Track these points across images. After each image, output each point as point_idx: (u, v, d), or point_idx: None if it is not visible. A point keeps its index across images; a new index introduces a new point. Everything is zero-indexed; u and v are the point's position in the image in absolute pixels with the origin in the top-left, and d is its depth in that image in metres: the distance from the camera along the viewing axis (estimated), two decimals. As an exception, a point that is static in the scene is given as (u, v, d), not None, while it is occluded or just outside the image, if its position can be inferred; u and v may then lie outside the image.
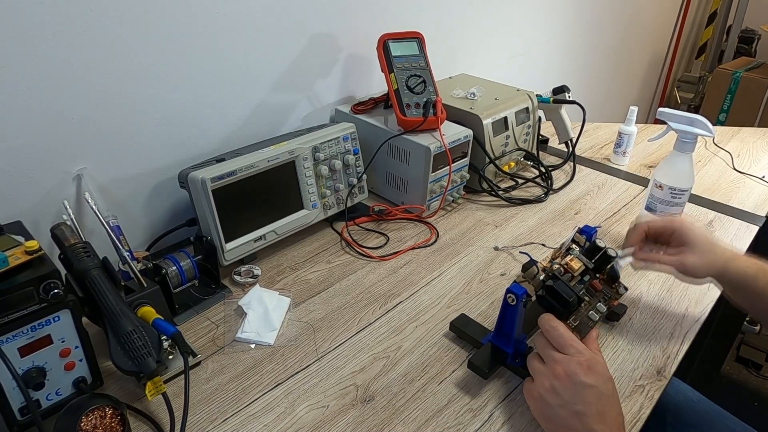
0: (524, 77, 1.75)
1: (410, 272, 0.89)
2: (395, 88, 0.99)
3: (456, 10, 1.35)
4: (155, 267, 0.76)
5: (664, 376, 0.70)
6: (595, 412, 0.54)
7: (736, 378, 1.71)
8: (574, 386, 0.55)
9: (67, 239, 0.65)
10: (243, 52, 0.94)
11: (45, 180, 0.77)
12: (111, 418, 0.58)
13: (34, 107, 0.73)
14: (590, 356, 0.57)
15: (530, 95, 1.18)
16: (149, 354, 0.59)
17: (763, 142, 1.43)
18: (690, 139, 0.85)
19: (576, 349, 0.58)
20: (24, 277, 0.55)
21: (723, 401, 0.86)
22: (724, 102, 2.58)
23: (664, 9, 2.65)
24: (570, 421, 0.55)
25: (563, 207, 1.10)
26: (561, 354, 0.58)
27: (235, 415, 0.64)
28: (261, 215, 0.88)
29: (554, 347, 0.59)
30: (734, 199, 1.15)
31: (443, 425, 0.63)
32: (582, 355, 0.57)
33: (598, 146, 1.40)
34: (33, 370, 0.58)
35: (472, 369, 0.69)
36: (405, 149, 1.00)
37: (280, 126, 1.06)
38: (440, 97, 1.01)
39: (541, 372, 0.59)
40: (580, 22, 1.95)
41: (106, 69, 0.78)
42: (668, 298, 0.84)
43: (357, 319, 0.79)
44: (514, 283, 0.64)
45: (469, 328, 0.74)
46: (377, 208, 1.03)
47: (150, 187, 0.90)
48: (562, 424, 0.56)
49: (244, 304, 0.79)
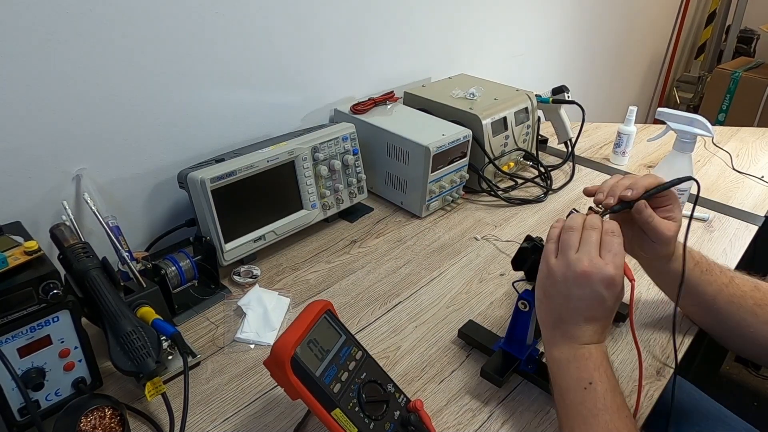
0: (524, 77, 1.75)
1: (410, 272, 0.89)
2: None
3: (456, 9, 1.35)
4: (155, 267, 0.76)
5: (663, 376, 0.70)
6: (590, 316, 0.56)
7: (736, 378, 1.71)
8: (589, 289, 0.55)
9: (66, 240, 0.65)
10: (242, 52, 0.94)
11: (44, 180, 0.77)
12: (110, 418, 0.57)
13: (33, 107, 0.73)
14: (619, 276, 0.56)
15: (529, 95, 1.19)
16: (149, 354, 0.59)
17: (762, 142, 1.44)
18: (689, 139, 0.85)
19: (612, 258, 0.56)
20: (23, 278, 0.55)
21: (723, 401, 0.86)
22: (723, 102, 2.58)
23: (663, 9, 2.65)
24: (564, 311, 0.57)
25: (563, 207, 1.10)
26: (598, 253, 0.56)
27: (235, 415, 0.64)
28: (260, 215, 0.88)
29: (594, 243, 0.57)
30: (733, 199, 1.15)
31: (443, 425, 0.63)
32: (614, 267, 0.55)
33: (598, 146, 1.40)
34: (32, 371, 0.58)
35: (484, 377, 0.69)
36: (404, 149, 1.00)
37: (280, 126, 1.05)
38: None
39: (569, 253, 0.57)
40: (579, 22, 1.95)
41: (105, 69, 0.78)
42: (668, 298, 0.84)
43: (357, 319, 0.79)
44: (526, 290, 0.64)
45: (478, 335, 0.74)
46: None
47: (149, 188, 0.90)
48: (555, 308, 0.58)
49: (244, 304, 0.79)
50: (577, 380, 0.56)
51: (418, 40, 1.29)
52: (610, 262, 0.55)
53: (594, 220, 0.59)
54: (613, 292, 0.55)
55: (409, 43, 1.27)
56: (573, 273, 0.56)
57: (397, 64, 1.26)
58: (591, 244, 0.57)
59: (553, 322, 0.59)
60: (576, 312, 0.57)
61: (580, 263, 0.56)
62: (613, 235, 0.58)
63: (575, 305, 0.56)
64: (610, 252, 0.56)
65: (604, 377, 0.55)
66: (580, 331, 0.57)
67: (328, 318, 0.57)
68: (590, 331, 0.57)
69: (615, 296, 0.56)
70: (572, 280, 0.56)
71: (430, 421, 0.57)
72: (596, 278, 0.55)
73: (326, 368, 0.54)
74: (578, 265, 0.56)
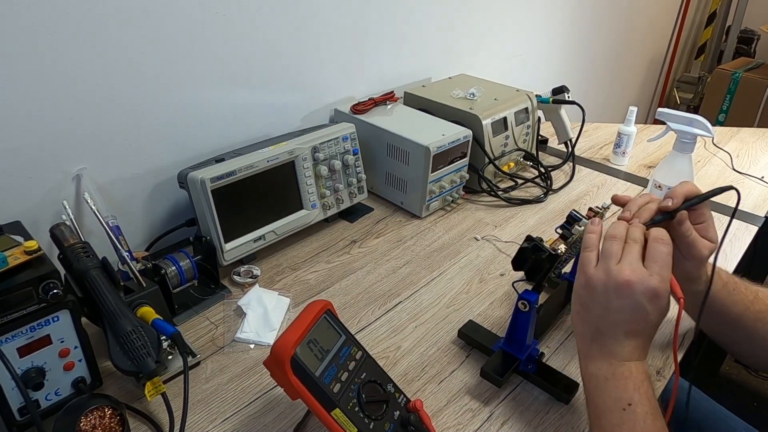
0: (524, 77, 1.75)
1: (410, 272, 0.89)
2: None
3: (456, 9, 1.35)
4: (154, 267, 0.76)
5: (663, 376, 0.70)
6: (630, 330, 0.53)
7: (736, 378, 1.71)
8: (630, 301, 0.52)
9: (66, 239, 0.65)
10: (242, 52, 0.94)
11: (44, 180, 0.77)
12: (110, 418, 0.57)
13: (33, 107, 0.73)
14: (664, 289, 0.52)
15: (530, 95, 1.19)
16: (148, 354, 0.59)
17: (762, 143, 1.44)
18: (689, 140, 0.85)
19: (659, 270, 0.52)
20: (23, 277, 0.55)
21: (723, 401, 0.86)
22: (724, 102, 2.58)
23: (663, 9, 2.65)
24: (603, 324, 0.54)
25: (563, 207, 1.10)
26: (642, 263, 0.53)
27: (235, 414, 0.64)
28: (260, 215, 0.88)
29: (637, 254, 0.54)
30: (733, 199, 1.15)
31: (443, 425, 0.63)
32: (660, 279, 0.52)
33: (598, 146, 1.40)
34: (32, 371, 0.58)
35: (484, 377, 0.69)
36: (405, 149, 1.00)
37: (280, 126, 1.05)
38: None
39: (611, 263, 0.54)
40: (579, 22, 1.95)
41: (105, 69, 0.78)
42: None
43: (357, 319, 0.79)
44: (526, 290, 0.64)
45: (478, 335, 0.74)
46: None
47: (149, 187, 0.90)
48: (593, 320, 0.54)
49: (244, 304, 0.79)
50: (615, 400, 0.52)
51: (418, 40, 1.29)
52: (656, 273, 0.52)
53: (636, 231, 0.56)
54: (657, 305, 0.52)
55: (409, 43, 1.27)
56: (614, 282, 0.52)
57: (397, 64, 1.26)
58: (634, 255, 0.54)
59: (591, 335, 0.55)
60: (616, 325, 0.53)
61: (621, 272, 0.52)
62: (662, 243, 0.54)
63: (615, 317, 0.53)
64: (657, 263, 0.53)
65: (645, 399, 0.51)
66: (620, 346, 0.53)
67: (328, 318, 0.57)
68: (630, 347, 0.53)
69: (659, 310, 0.52)
70: (613, 290, 0.53)
71: (430, 421, 0.57)
72: (639, 289, 0.51)
73: (326, 368, 0.54)
74: (620, 275, 0.52)
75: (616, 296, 0.52)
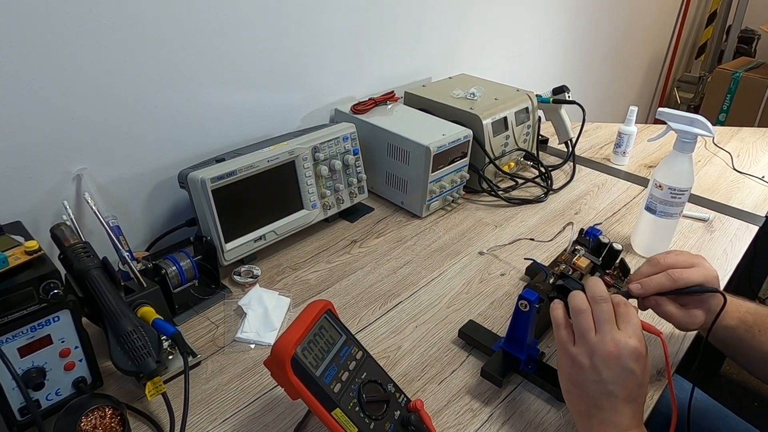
0: (524, 77, 1.75)
1: (410, 272, 0.89)
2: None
3: (456, 9, 1.35)
4: (155, 267, 0.76)
5: (663, 377, 0.70)
6: (626, 396, 0.53)
7: (736, 378, 1.71)
8: (620, 368, 0.53)
9: (66, 239, 0.65)
10: (242, 52, 0.94)
11: (45, 180, 0.77)
12: (111, 418, 0.58)
13: (33, 107, 0.73)
14: (643, 346, 0.55)
15: (530, 95, 1.18)
16: (149, 354, 0.59)
17: (762, 142, 1.43)
18: (690, 139, 0.85)
19: (633, 330, 0.55)
20: (24, 277, 0.55)
21: (723, 401, 0.86)
22: (724, 102, 2.58)
23: (663, 9, 2.65)
24: (598, 397, 0.54)
25: (563, 207, 1.10)
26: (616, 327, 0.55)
27: (235, 414, 0.64)
28: (261, 215, 0.88)
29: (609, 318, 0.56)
30: (734, 199, 1.15)
31: (443, 425, 0.63)
32: (637, 339, 0.54)
33: (598, 146, 1.40)
34: (33, 371, 0.58)
35: (485, 377, 0.69)
36: (405, 149, 1.00)
37: (280, 126, 1.05)
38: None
39: (588, 336, 0.55)
40: (579, 22, 1.95)
41: (105, 69, 0.78)
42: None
43: (357, 319, 0.79)
44: (526, 289, 0.64)
45: (478, 335, 0.74)
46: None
47: (150, 187, 0.90)
48: (588, 395, 0.55)
49: (244, 304, 0.79)
50: None
51: (418, 40, 1.29)
52: (632, 334, 0.54)
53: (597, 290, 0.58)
54: (641, 363, 0.54)
55: (409, 43, 1.27)
56: (600, 356, 0.54)
57: (398, 64, 1.26)
58: (607, 321, 0.55)
59: (587, 411, 0.55)
60: (612, 395, 0.54)
61: (604, 345, 0.54)
62: (626, 306, 0.57)
63: (610, 389, 0.53)
64: (629, 323, 0.55)
65: None
66: (621, 415, 0.53)
67: (328, 318, 0.57)
68: (630, 414, 0.53)
69: (643, 367, 0.54)
70: (601, 363, 0.54)
71: (430, 421, 0.57)
72: (624, 354, 0.53)
73: (326, 368, 0.54)
74: (604, 347, 0.54)
75: (606, 367, 0.54)
